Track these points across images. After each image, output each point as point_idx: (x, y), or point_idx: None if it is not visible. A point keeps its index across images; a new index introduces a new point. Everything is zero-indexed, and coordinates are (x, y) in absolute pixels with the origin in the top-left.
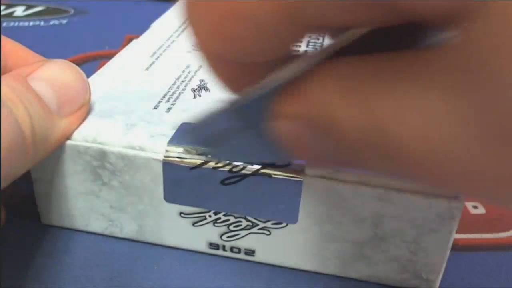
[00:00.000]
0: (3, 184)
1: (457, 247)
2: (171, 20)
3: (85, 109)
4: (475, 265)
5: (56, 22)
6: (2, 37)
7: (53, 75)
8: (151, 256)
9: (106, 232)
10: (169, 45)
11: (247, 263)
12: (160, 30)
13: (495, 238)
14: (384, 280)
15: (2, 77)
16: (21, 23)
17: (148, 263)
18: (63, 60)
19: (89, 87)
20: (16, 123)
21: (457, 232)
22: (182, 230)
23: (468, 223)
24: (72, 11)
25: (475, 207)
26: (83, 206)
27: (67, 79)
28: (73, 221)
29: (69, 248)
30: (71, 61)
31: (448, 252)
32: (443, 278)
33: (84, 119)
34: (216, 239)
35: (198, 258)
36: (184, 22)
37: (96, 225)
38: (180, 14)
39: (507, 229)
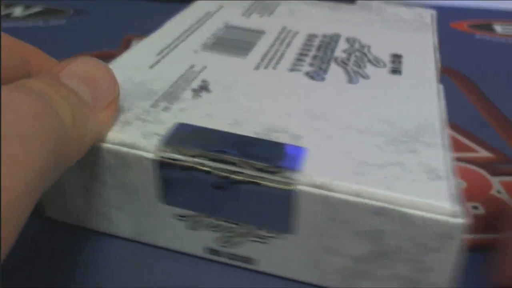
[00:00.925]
0: (57, 177)
1: None
2: (183, 20)
3: (116, 103)
4: (475, 265)
5: (56, 22)
6: (21, 42)
7: (83, 71)
8: (148, 258)
9: (104, 230)
10: (177, 45)
11: (245, 271)
12: (170, 29)
13: (495, 238)
14: None
15: (37, 78)
16: (20, 24)
17: (146, 266)
18: (89, 56)
19: (117, 81)
20: (56, 113)
21: None
22: (177, 232)
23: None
24: (71, 12)
25: (475, 207)
26: (82, 203)
27: (96, 74)
28: (73, 218)
29: (69, 246)
30: None
31: (452, 272)
32: None
33: (116, 112)
34: (212, 245)
35: (196, 262)
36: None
37: (95, 223)
38: (193, 15)
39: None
